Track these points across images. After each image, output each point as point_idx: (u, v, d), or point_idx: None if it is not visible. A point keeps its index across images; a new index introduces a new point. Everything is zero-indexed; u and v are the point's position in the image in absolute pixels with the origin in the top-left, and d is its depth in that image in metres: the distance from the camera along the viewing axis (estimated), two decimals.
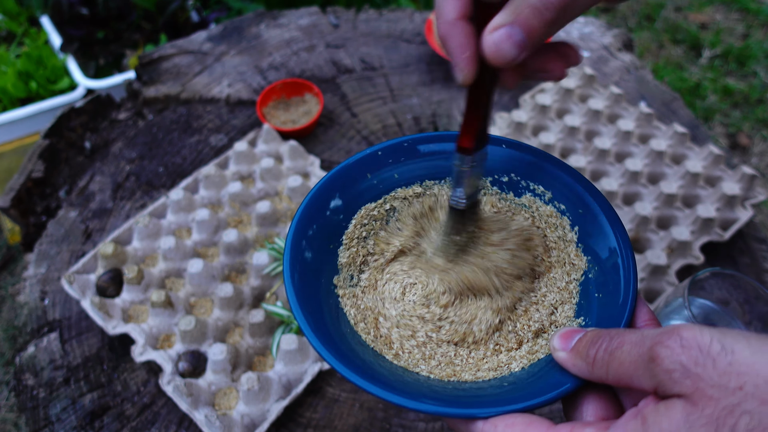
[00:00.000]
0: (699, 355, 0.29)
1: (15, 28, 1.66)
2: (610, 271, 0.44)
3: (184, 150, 1.03)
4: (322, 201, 0.49)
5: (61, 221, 0.93)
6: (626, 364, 0.32)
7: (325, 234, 0.49)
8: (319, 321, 0.43)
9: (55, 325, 0.82)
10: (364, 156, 0.51)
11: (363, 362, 0.42)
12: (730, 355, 0.28)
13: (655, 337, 0.31)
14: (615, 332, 0.34)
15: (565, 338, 0.38)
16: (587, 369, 0.35)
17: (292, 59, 1.17)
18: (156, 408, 0.75)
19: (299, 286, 0.44)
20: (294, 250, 0.46)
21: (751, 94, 2.05)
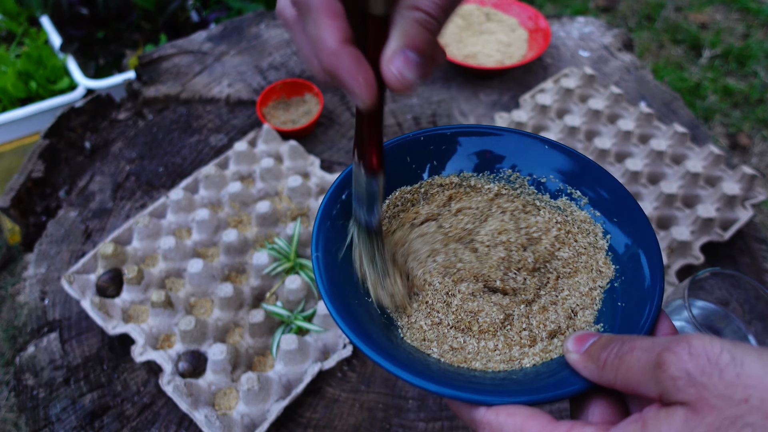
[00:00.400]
0: (707, 364, 0.29)
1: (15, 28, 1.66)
2: (636, 281, 0.44)
3: (184, 150, 1.03)
4: None
5: (61, 221, 0.93)
6: (634, 369, 0.32)
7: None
8: (339, 292, 0.43)
9: (55, 325, 0.82)
10: (406, 139, 0.51)
11: (376, 335, 0.42)
12: (739, 367, 0.28)
13: (665, 344, 0.31)
14: (628, 338, 0.34)
15: (580, 341, 0.38)
16: (597, 372, 0.35)
17: (292, 59, 1.17)
18: (156, 408, 0.75)
19: (324, 255, 0.44)
20: (324, 215, 0.46)
21: (752, 94, 2.05)
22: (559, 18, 1.29)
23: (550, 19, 1.27)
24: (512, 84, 1.15)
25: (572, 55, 1.21)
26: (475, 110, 1.10)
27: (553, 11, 2.33)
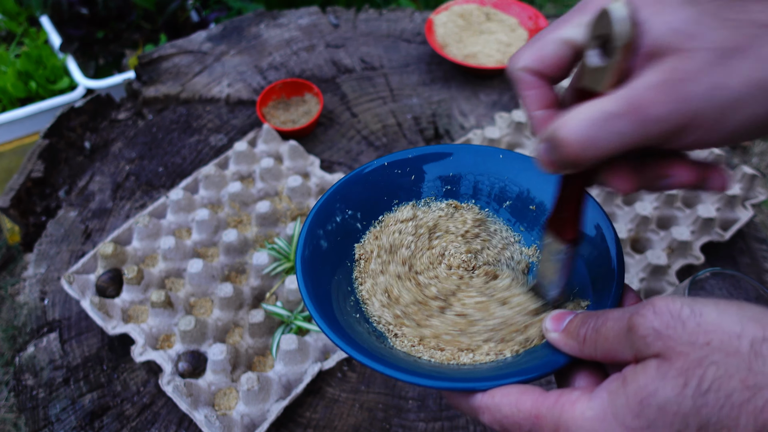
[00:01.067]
0: (670, 319, 0.32)
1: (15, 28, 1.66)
2: (602, 263, 0.46)
3: (184, 150, 1.03)
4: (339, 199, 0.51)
5: (60, 221, 0.93)
6: (610, 338, 0.35)
7: (341, 229, 0.51)
8: (325, 303, 0.45)
9: (55, 325, 0.82)
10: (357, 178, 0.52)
11: (366, 342, 0.44)
12: (698, 316, 0.31)
13: (633, 310, 0.34)
14: (601, 312, 0.37)
15: (557, 320, 0.41)
16: (578, 348, 0.38)
17: (292, 59, 1.17)
18: (156, 408, 0.75)
19: (309, 268, 0.46)
20: (311, 228, 0.48)
21: None
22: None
23: (550, 19, 1.27)
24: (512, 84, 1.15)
25: None
26: (475, 110, 1.10)
27: (553, 11, 2.33)
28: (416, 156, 0.53)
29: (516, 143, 0.99)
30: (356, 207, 0.52)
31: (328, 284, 0.47)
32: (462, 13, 1.22)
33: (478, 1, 1.24)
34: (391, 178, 0.53)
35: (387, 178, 0.53)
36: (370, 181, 0.52)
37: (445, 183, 0.54)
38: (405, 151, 0.53)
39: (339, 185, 0.51)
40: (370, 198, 0.52)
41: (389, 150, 1.03)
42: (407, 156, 0.53)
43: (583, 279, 0.47)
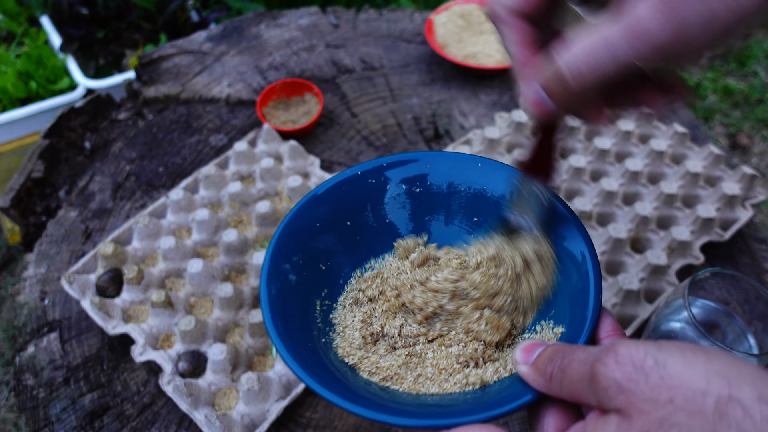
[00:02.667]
0: (632, 370, 0.30)
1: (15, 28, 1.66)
2: (580, 281, 0.45)
3: (184, 150, 1.03)
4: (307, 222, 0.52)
5: (61, 221, 0.93)
6: (575, 381, 0.34)
7: (310, 255, 0.51)
8: (293, 337, 0.45)
9: (55, 325, 0.82)
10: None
11: (331, 374, 0.44)
12: (662, 369, 0.29)
13: (597, 354, 0.32)
14: (569, 349, 0.36)
15: (527, 351, 0.39)
16: (545, 385, 0.37)
17: (292, 59, 1.17)
18: (156, 408, 0.75)
19: (276, 301, 0.46)
20: (274, 264, 0.48)
21: (752, 94, 2.05)
22: None
23: None
24: (512, 84, 1.15)
25: None
26: (475, 110, 1.10)
27: None
28: (371, 168, 0.53)
29: (516, 143, 0.99)
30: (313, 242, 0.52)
31: (296, 318, 0.47)
32: (462, 14, 1.22)
33: (478, 1, 1.24)
34: (355, 192, 0.53)
35: (349, 194, 0.53)
36: (329, 201, 0.52)
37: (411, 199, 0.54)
38: (358, 165, 0.53)
39: (295, 211, 0.51)
40: (330, 221, 0.52)
41: (389, 150, 1.03)
42: (359, 171, 0.53)
43: (561, 302, 0.47)
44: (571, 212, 0.48)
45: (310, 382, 0.40)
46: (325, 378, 0.42)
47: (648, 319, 0.78)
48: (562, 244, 0.48)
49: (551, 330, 0.45)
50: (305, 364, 0.42)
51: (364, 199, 0.53)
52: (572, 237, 0.47)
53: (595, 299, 0.43)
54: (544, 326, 0.46)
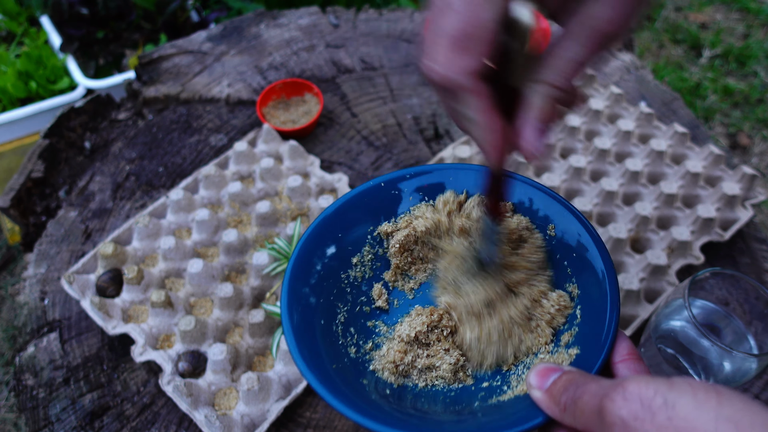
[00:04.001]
0: (639, 409, 0.30)
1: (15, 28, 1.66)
2: (597, 305, 0.46)
3: (184, 150, 1.03)
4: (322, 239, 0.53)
5: (60, 221, 0.93)
6: (586, 413, 0.34)
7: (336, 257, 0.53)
8: (315, 357, 0.46)
9: (55, 325, 0.82)
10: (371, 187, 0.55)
11: (351, 381, 0.46)
12: (670, 409, 0.29)
13: (606, 389, 0.32)
14: (582, 380, 0.36)
15: (542, 376, 0.39)
16: (559, 414, 0.37)
17: (292, 59, 1.17)
18: (156, 408, 0.75)
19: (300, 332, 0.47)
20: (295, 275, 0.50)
21: (752, 94, 2.05)
22: None
23: (550, 19, 1.27)
24: None
25: None
26: None
27: None
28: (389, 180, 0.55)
29: None
30: (336, 243, 0.53)
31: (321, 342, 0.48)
32: None
33: None
34: (371, 202, 0.55)
35: (365, 204, 0.54)
36: (347, 213, 0.54)
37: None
38: (377, 178, 0.55)
39: (312, 229, 0.52)
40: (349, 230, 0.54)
41: (389, 150, 1.03)
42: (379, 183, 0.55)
43: (580, 323, 0.47)
44: (592, 231, 0.50)
45: (335, 404, 0.42)
46: (345, 392, 0.44)
47: (648, 319, 0.78)
48: (583, 256, 0.49)
49: (566, 351, 0.45)
50: (334, 389, 0.43)
51: (382, 209, 0.55)
52: (592, 252, 0.48)
53: (613, 322, 0.43)
54: (560, 349, 0.47)
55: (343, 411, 0.41)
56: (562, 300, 0.49)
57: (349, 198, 0.54)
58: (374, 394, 0.46)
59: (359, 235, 0.54)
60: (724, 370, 0.58)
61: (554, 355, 0.46)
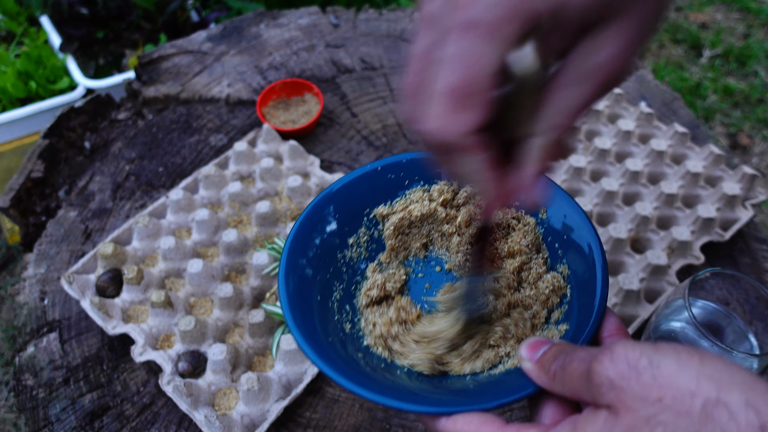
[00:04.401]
0: (626, 369, 0.31)
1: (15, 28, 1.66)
2: (586, 283, 0.47)
3: (184, 150, 1.03)
4: (319, 214, 0.54)
5: (60, 221, 0.93)
6: (574, 378, 0.35)
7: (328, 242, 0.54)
8: (305, 312, 0.48)
9: (55, 325, 0.82)
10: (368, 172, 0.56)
11: (345, 358, 0.46)
12: (655, 369, 0.30)
13: (595, 354, 0.34)
14: (571, 349, 0.37)
15: (532, 349, 0.40)
16: (548, 383, 0.38)
17: (291, 59, 1.17)
18: (156, 408, 0.75)
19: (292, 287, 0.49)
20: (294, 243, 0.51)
21: (752, 94, 2.05)
22: None
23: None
24: None
25: None
26: None
27: None
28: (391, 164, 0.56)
29: None
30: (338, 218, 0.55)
31: (315, 313, 0.50)
32: None
33: None
34: (371, 184, 0.56)
35: (367, 185, 0.56)
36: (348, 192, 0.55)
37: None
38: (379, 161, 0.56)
39: (311, 207, 0.53)
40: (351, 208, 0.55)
41: (389, 150, 1.03)
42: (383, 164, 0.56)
43: (570, 301, 0.49)
44: (578, 209, 0.50)
45: (324, 368, 0.43)
46: (338, 363, 0.45)
47: (648, 319, 0.78)
48: (570, 237, 0.50)
49: (556, 327, 0.47)
50: (325, 356, 0.44)
51: (379, 192, 0.56)
52: (580, 231, 0.49)
53: (600, 298, 0.44)
54: (551, 324, 0.48)
55: (336, 378, 0.42)
56: (556, 281, 0.50)
57: (349, 180, 0.55)
58: (368, 367, 0.47)
59: (357, 216, 0.56)
60: None
61: (544, 331, 0.48)
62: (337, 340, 0.49)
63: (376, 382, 0.44)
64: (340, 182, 0.55)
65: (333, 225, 0.54)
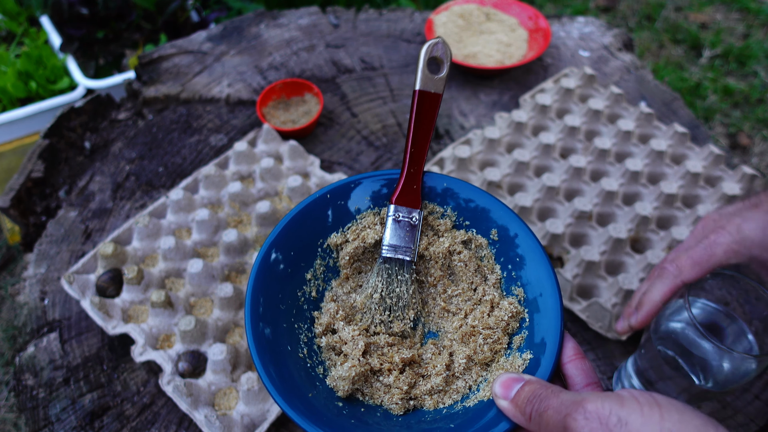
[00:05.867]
0: (599, 427, 0.35)
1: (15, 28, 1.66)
2: (541, 307, 0.49)
3: (184, 150, 1.03)
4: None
5: (60, 221, 0.93)
6: (551, 426, 0.39)
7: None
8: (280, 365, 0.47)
9: (55, 325, 0.82)
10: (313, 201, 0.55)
11: (332, 406, 0.47)
12: (623, 426, 0.35)
13: (568, 407, 0.37)
14: (544, 393, 0.40)
15: (506, 387, 0.43)
16: (525, 422, 0.41)
17: (292, 59, 1.17)
18: (156, 408, 0.75)
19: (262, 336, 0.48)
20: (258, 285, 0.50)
21: (752, 94, 2.05)
22: (559, 18, 1.29)
23: (550, 19, 1.27)
24: (512, 84, 1.15)
25: (572, 55, 1.21)
26: (475, 110, 1.10)
27: (553, 11, 2.33)
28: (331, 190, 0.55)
29: (516, 143, 0.99)
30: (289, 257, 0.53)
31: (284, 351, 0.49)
32: (462, 13, 1.22)
33: (478, 1, 1.24)
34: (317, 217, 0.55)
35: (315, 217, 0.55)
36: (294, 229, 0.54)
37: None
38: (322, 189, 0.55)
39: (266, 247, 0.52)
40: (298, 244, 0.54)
41: (389, 150, 1.03)
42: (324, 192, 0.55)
43: (529, 326, 0.50)
44: (528, 231, 0.52)
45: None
46: (327, 417, 0.45)
47: None
48: (523, 259, 0.51)
49: (520, 356, 0.48)
50: (315, 416, 0.45)
51: (329, 220, 0.55)
52: (532, 254, 0.51)
53: (559, 326, 0.46)
54: (513, 353, 0.49)
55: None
56: (513, 307, 0.50)
57: (294, 214, 0.53)
58: (352, 419, 0.47)
59: (310, 249, 0.54)
60: (723, 370, 0.58)
61: (509, 358, 0.49)
62: (318, 393, 0.48)
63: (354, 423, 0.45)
64: (285, 220, 0.52)
65: (288, 269, 0.52)
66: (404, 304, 0.53)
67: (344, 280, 0.55)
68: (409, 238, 0.52)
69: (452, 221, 0.55)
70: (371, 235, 0.53)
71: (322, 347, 0.52)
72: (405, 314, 0.53)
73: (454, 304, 0.54)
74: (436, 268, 0.54)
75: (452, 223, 0.55)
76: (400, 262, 0.52)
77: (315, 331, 0.52)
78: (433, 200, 0.55)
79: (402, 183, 0.52)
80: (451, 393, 0.49)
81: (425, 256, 0.54)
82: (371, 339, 0.52)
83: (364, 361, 0.50)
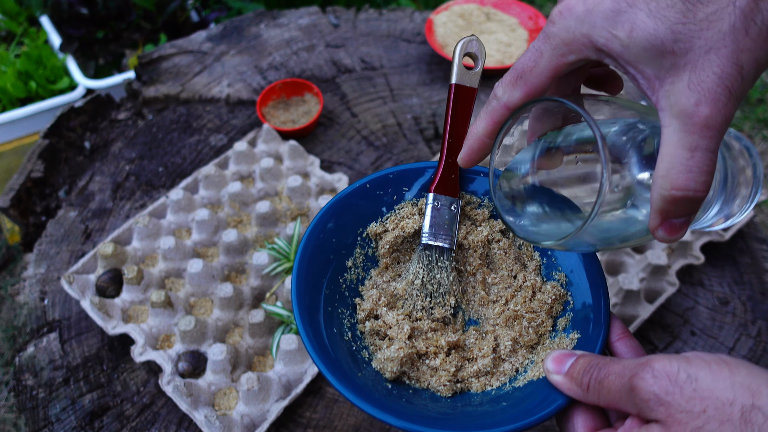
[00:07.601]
0: (668, 384, 0.35)
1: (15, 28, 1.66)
2: (584, 288, 0.50)
3: (184, 150, 1.03)
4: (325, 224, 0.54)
5: (60, 221, 0.93)
6: (613, 392, 0.38)
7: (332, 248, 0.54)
8: (318, 334, 0.47)
9: (55, 325, 0.82)
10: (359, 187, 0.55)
11: (380, 387, 0.47)
12: (694, 382, 0.34)
13: (633, 368, 0.37)
14: (602, 362, 0.40)
15: (558, 362, 0.43)
16: (582, 394, 0.41)
17: (292, 59, 1.17)
18: (156, 408, 0.75)
19: (305, 298, 0.49)
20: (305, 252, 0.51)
21: (752, 94, 2.05)
22: None
23: None
24: None
25: None
26: (475, 110, 1.10)
27: None
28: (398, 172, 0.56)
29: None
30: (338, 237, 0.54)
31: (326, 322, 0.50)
32: (462, 13, 1.22)
33: (478, 1, 1.24)
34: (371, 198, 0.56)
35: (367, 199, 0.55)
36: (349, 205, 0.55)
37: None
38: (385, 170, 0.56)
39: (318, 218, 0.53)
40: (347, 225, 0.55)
41: (389, 150, 1.03)
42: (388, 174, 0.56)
43: (573, 308, 0.50)
44: None
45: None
46: (379, 399, 0.45)
47: (648, 318, 0.78)
48: (563, 256, 0.51)
49: (567, 336, 0.48)
50: (370, 398, 0.45)
51: (369, 210, 0.56)
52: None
53: (605, 304, 0.46)
54: (559, 334, 0.49)
55: (385, 418, 0.42)
56: (556, 290, 0.51)
57: (334, 202, 0.54)
58: (403, 399, 0.47)
59: (351, 238, 0.55)
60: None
61: (555, 340, 0.49)
62: (366, 374, 0.48)
63: (419, 414, 0.45)
64: (326, 207, 0.53)
65: (330, 255, 0.53)
66: (445, 291, 0.53)
67: (383, 270, 0.56)
68: (448, 226, 0.53)
69: (489, 211, 0.55)
70: (410, 224, 0.54)
71: (365, 332, 0.52)
72: (446, 301, 0.53)
73: (494, 292, 0.54)
74: (475, 257, 0.54)
75: (489, 213, 0.55)
76: (440, 249, 0.53)
77: (357, 317, 0.53)
78: (470, 191, 0.55)
79: (440, 172, 0.53)
80: (499, 375, 0.50)
81: (464, 246, 0.55)
82: (415, 324, 0.52)
83: (410, 344, 0.50)
